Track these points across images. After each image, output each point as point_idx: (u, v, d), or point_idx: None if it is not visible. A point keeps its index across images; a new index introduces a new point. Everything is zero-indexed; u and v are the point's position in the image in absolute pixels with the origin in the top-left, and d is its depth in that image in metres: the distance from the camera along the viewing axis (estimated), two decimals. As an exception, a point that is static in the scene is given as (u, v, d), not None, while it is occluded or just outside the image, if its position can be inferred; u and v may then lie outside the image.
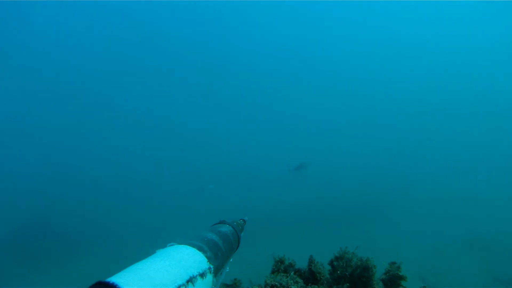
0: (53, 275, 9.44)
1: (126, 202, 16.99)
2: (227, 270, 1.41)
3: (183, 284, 0.93)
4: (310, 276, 1.91)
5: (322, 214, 12.19)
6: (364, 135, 24.74)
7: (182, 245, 1.14)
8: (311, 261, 1.93)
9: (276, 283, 1.75)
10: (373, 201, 13.62)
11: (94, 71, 30.36)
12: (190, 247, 1.14)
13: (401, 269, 1.92)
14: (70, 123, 27.43)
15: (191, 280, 0.98)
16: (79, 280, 8.48)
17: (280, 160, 21.90)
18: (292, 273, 1.85)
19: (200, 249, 1.16)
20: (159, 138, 27.17)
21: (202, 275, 1.05)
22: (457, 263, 7.93)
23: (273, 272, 1.87)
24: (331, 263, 1.95)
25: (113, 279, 0.79)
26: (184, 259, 1.04)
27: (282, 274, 1.81)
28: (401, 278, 1.91)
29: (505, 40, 29.34)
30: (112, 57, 30.71)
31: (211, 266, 1.15)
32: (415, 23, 31.58)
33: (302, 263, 2.04)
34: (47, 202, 16.95)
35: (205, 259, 1.14)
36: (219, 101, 30.89)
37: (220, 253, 1.29)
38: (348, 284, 1.85)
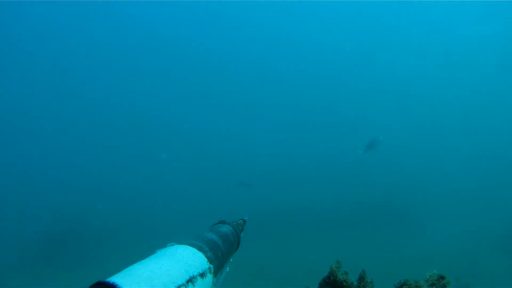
0: (52, 275, 9.44)
1: (126, 202, 16.98)
2: (227, 270, 1.41)
3: (183, 284, 0.93)
4: None
5: (347, 214, 12.07)
6: (385, 132, 23.76)
7: (182, 245, 1.14)
8: (361, 277, 1.64)
9: None
10: (402, 201, 13.27)
11: (94, 70, 30.38)
12: (190, 247, 1.14)
13: None
14: (69, 123, 27.44)
15: (191, 280, 0.98)
16: (79, 280, 8.49)
17: (279, 160, 21.86)
18: None
19: (200, 249, 1.16)
20: (159, 138, 27.16)
21: (202, 275, 1.06)
22: (491, 264, 7.83)
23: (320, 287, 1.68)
24: None
25: (113, 279, 0.80)
26: (184, 259, 1.04)
27: None
28: None
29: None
30: (112, 56, 30.72)
31: (211, 266, 1.15)
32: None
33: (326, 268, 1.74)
34: (47, 203, 16.93)
35: (205, 259, 1.14)
36: (218, 100, 30.86)
37: (220, 253, 1.29)
38: None
